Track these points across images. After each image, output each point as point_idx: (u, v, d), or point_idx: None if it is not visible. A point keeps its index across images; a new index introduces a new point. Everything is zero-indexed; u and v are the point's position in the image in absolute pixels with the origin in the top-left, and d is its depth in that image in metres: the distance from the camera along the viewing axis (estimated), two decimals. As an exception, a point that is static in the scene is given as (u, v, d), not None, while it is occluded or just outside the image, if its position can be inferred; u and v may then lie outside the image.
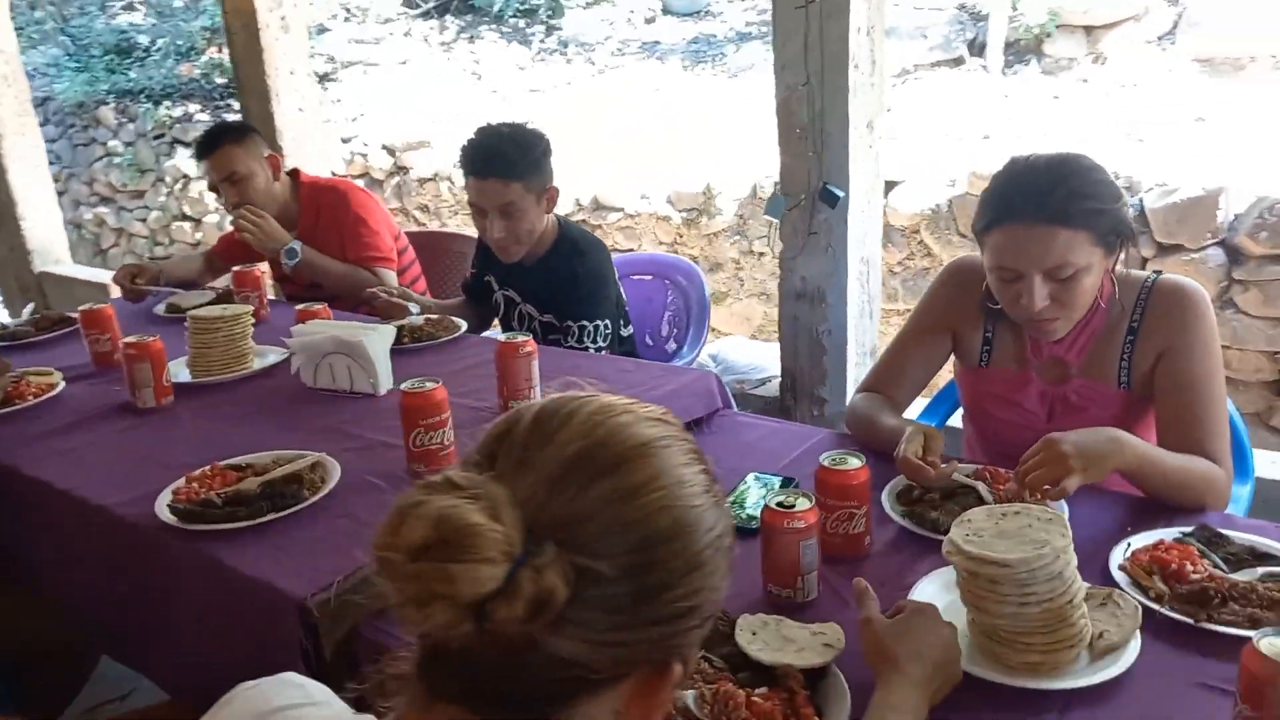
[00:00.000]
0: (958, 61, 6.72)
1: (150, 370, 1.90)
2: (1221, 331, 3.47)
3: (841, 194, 2.63)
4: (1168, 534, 1.34)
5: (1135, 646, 1.10)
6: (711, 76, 7.77)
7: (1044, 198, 1.47)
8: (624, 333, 2.48)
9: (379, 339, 1.93)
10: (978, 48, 6.70)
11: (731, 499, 1.55)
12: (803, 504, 1.24)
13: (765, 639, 1.13)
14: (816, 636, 1.14)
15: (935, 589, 1.26)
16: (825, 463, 1.37)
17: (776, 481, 1.60)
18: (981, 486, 1.46)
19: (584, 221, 5.39)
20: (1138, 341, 1.60)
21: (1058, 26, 6.20)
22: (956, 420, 2.15)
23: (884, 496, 1.49)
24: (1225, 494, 1.48)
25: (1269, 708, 0.89)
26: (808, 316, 2.85)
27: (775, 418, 1.92)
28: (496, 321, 2.67)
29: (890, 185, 4.23)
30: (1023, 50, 6.53)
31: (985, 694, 1.07)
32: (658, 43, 9.01)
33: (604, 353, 2.34)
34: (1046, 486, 1.35)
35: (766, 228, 4.00)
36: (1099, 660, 1.10)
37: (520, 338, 1.78)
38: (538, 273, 2.40)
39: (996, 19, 6.44)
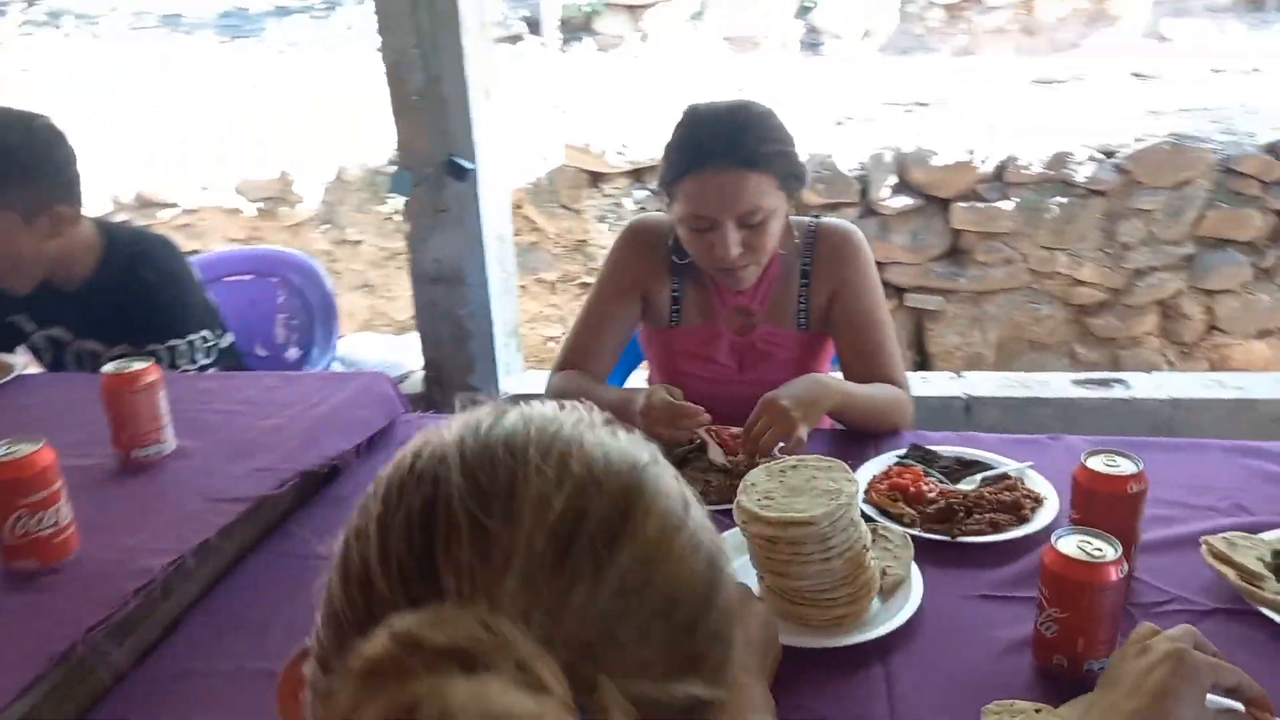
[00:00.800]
0: (516, 38, 6.80)
1: None
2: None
3: (471, 166, 2.45)
4: (887, 460, 1.40)
5: (917, 576, 1.12)
6: (255, 53, 7.02)
7: (733, 142, 1.46)
8: (224, 343, 2.03)
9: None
10: (534, 25, 6.84)
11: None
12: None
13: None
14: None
15: None
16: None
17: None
18: (712, 446, 1.42)
19: (128, 224, 4.55)
20: (811, 283, 1.66)
21: (606, 5, 6.54)
22: (634, 381, 2.12)
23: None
24: (910, 414, 1.60)
25: (1078, 603, 0.93)
26: (446, 300, 2.64)
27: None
28: (31, 364, 2.02)
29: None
30: (575, 28, 6.80)
31: (806, 662, 1.01)
32: (180, 16, 7.94)
33: (212, 370, 1.92)
34: (781, 444, 1.35)
35: (386, 207, 3.67)
36: (892, 598, 1.09)
37: (136, 365, 1.36)
38: (89, 296, 1.84)
39: (548, -3, 6.63)
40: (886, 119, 4.64)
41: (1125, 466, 1.08)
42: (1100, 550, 0.93)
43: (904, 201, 3.77)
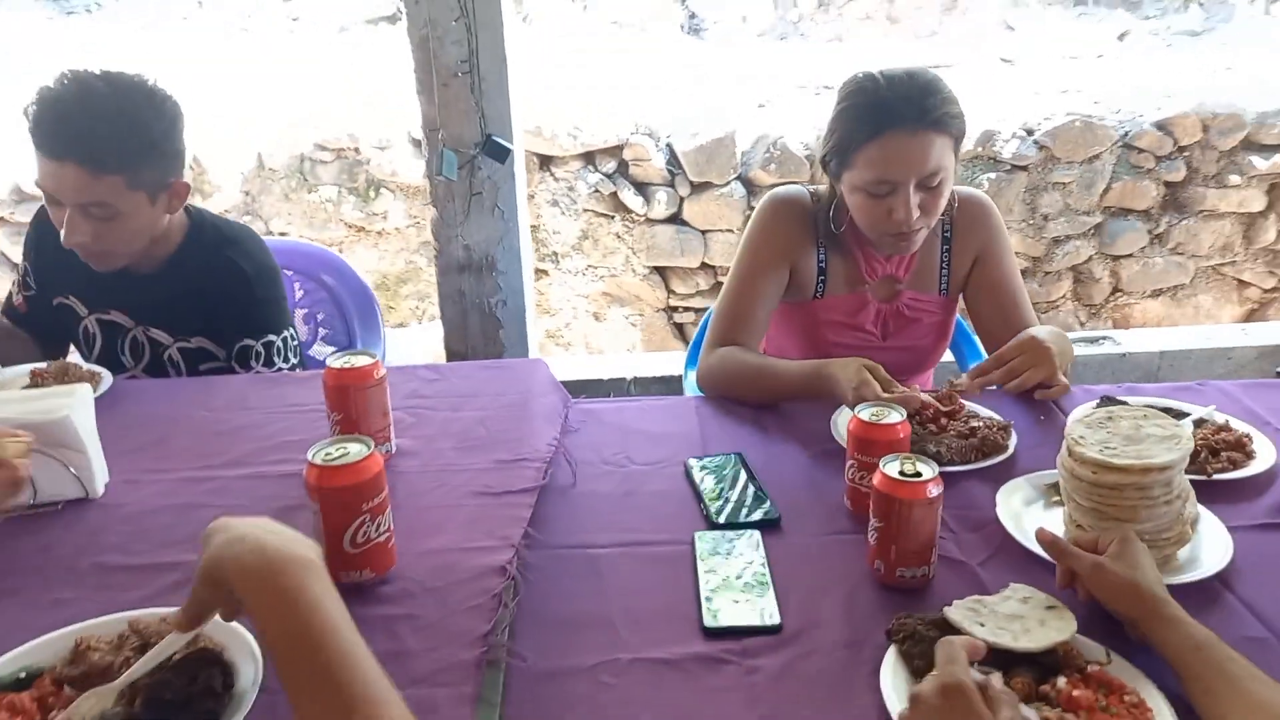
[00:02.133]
0: (395, 18, 6.51)
1: None
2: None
3: (510, 146, 2.36)
4: (1083, 411, 1.49)
5: (1204, 512, 1.20)
6: (102, 29, 6.33)
7: (922, 105, 1.49)
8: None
9: (81, 408, 1.17)
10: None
11: (712, 497, 1.30)
12: (926, 470, 1.09)
13: (1000, 625, 0.98)
14: (1029, 603, 1.02)
15: (1031, 508, 1.23)
16: (865, 418, 1.23)
17: (730, 460, 1.39)
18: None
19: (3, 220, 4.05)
20: (953, 249, 1.73)
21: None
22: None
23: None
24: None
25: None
26: (476, 289, 2.53)
27: (617, 397, 1.67)
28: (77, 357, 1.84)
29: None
30: (457, 9, 6.57)
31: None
32: (-10, -12, 7.00)
33: (298, 370, 1.79)
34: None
35: (315, 195, 3.45)
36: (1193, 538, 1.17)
37: (363, 359, 1.24)
38: (165, 282, 1.72)
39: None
40: (799, 101, 4.80)
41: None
42: None
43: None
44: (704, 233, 4.00)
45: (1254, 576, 1.11)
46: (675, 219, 4.03)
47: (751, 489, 1.32)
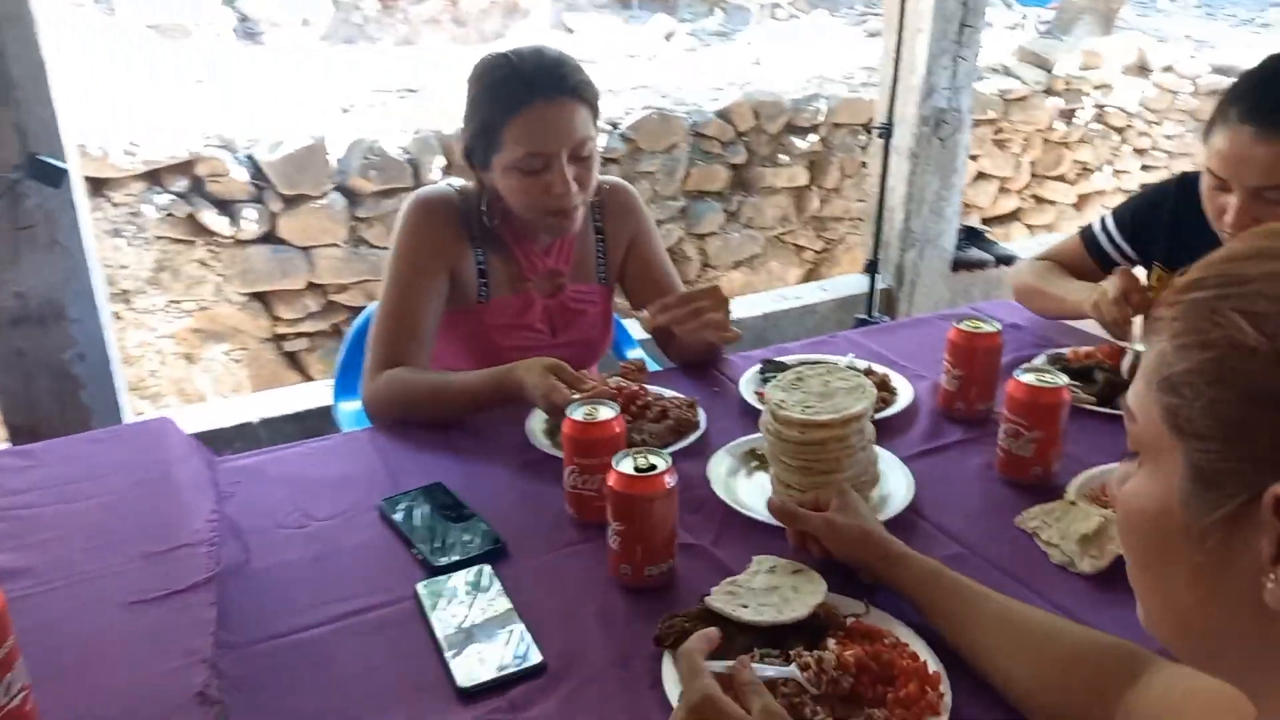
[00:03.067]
0: None
1: None
2: (358, 268, 3.74)
3: (64, 165, 1.93)
4: (750, 376, 1.57)
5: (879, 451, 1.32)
6: None
7: (556, 74, 1.48)
8: None
9: None
10: None
11: (423, 538, 1.16)
12: (660, 462, 1.05)
13: (761, 602, 0.97)
14: (778, 573, 1.03)
15: (736, 477, 1.25)
16: (579, 418, 1.17)
17: (430, 492, 1.25)
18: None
19: None
20: (607, 238, 1.73)
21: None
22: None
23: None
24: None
25: (1049, 421, 1.22)
26: (41, 346, 2.05)
27: (286, 443, 1.41)
28: None
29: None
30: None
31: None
32: None
33: None
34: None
35: None
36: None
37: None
38: None
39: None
40: (383, 104, 4.61)
41: (988, 326, 1.41)
42: (1053, 379, 1.23)
43: (461, 181, 3.84)
44: (306, 250, 3.67)
45: (932, 500, 1.24)
46: (270, 238, 3.65)
47: (463, 519, 1.19)
